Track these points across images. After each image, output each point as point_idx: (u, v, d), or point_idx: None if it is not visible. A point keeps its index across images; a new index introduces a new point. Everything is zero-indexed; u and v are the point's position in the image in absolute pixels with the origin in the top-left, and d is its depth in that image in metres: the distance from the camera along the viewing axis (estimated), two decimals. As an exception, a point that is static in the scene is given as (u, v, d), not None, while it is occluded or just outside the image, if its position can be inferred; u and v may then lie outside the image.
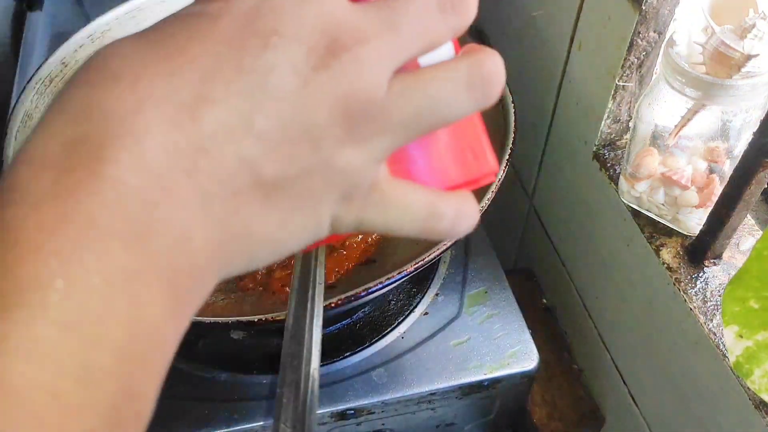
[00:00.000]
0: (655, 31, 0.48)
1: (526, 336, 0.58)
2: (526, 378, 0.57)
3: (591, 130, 0.56)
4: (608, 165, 0.55)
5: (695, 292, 0.48)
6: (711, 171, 0.48)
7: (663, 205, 0.50)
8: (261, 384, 0.54)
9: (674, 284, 0.48)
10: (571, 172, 0.61)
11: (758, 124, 0.40)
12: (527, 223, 0.74)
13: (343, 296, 0.44)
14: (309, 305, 0.42)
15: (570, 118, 0.60)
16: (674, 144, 0.47)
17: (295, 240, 0.21)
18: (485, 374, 0.56)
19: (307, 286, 0.44)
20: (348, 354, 0.56)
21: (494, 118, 0.57)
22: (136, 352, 0.18)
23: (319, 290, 0.44)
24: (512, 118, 0.55)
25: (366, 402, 0.54)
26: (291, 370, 0.38)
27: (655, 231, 0.51)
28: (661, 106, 0.46)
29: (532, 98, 0.65)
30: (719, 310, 0.46)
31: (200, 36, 0.19)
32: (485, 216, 0.49)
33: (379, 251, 0.59)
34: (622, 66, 0.50)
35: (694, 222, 0.49)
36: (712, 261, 0.49)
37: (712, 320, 0.46)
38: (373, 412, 0.55)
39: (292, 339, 0.40)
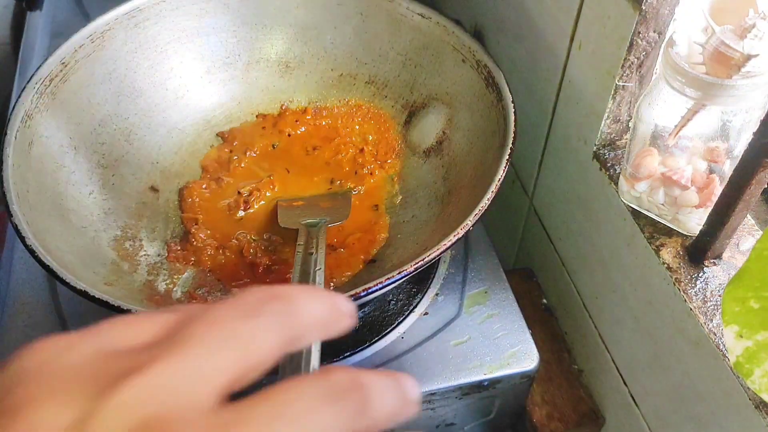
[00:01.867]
0: (655, 31, 0.48)
1: (526, 336, 0.58)
2: (526, 378, 0.57)
3: (591, 130, 0.56)
4: (608, 165, 0.55)
5: (695, 292, 0.48)
6: (711, 171, 0.48)
7: (663, 205, 0.50)
8: (261, 384, 0.54)
9: (674, 284, 0.48)
10: (571, 172, 0.61)
11: (758, 124, 0.40)
12: (527, 223, 0.74)
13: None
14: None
15: (570, 118, 0.60)
16: (674, 144, 0.47)
17: None
18: (485, 374, 0.56)
19: (308, 269, 0.45)
20: (348, 354, 0.56)
21: (494, 118, 0.57)
22: None
23: (321, 271, 0.44)
24: (512, 118, 0.55)
25: (366, 402, 0.54)
26: (291, 370, 0.38)
27: (655, 231, 0.51)
28: (661, 106, 0.46)
29: (532, 98, 0.65)
30: (719, 310, 0.46)
31: None
32: (485, 216, 0.49)
33: (379, 251, 0.59)
34: (622, 66, 0.50)
35: (694, 222, 0.49)
36: (712, 261, 0.49)
37: (712, 320, 0.46)
38: (373, 412, 0.55)
39: None
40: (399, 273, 0.45)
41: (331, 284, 0.56)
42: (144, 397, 0.16)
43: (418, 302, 0.60)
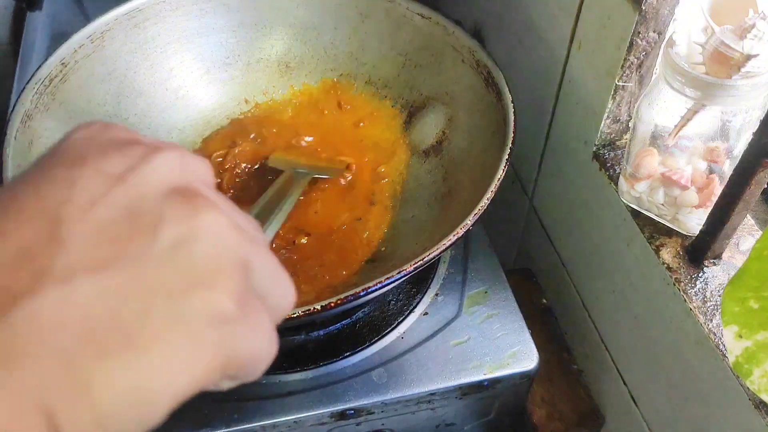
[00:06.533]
0: (655, 31, 0.48)
1: (526, 336, 0.58)
2: (526, 378, 0.57)
3: (591, 130, 0.56)
4: (608, 165, 0.55)
5: (695, 292, 0.48)
6: (711, 171, 0.48)
7: (663, 205, 0.50)
8: (261, 384, 0.54)
9: (674, 284, 0.48)
10: (571, 172, 0.61)
11: (758, 124, 0.40)
12: (527, 223, 0.74)
13: (342, 296, 0.44)
14: (269, 219, 0.48)
15: (570, 118, 0.60)
16: (674, 144, 0.47)
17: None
18: (485, 374, 0.56)
19: (274, 206, 0.49)
20: (348, 354, 0.56)
21: (494, 118, 0.57)
22: None
23: (284, 212, 0.49)
24: (512, 118, 0.55)
25: (366, 402, 0.54)
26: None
27: (655, 231, 0.51)
28: (661, 106, 0.46)
29: (531, 98, 0.65)
30: (719, 310, 0.46)
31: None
32: (485, 216, 0.49)
33: (379, 251, 0.59)
34: (622, 66, 0.50)
35: (694, 222, 0.49)
36: (712, 261, 0.49)
37: (712, 320, 0.46)
38: (373, 412, 0.55)
39: None
40: (399, 273, 0.45)
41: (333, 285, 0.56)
42: (178, 170, 0.23)
43: (418, 302, 0.60)
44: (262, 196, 0.51)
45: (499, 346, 0.57)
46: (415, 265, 0.45)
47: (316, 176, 0.60)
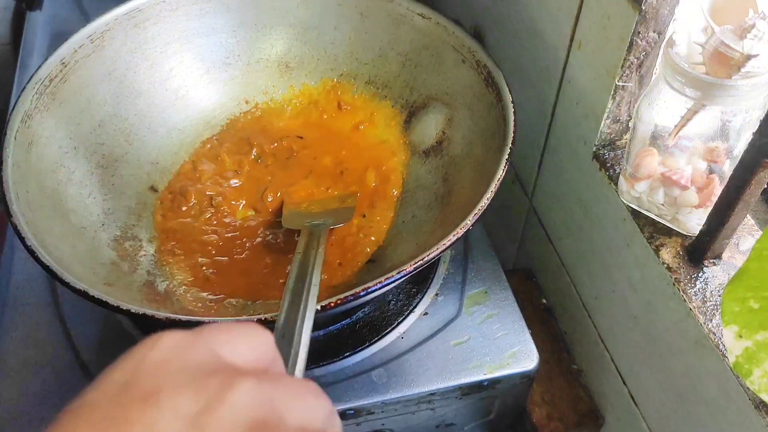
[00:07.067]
0: (654, 31, 0.48)
1: (526, 336, 0.58)
2: (526, 378, 0.57)
3: (591, 130, 0.56)
4: (608, 165, 0.55)
5: (695, 292, 0.48)
6: (711, 171, 0.48)
7: (663, 205, 0.50)
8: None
9: (674, 284, 0.48)
10: (570, 172, 0.61)
11: (758, 124, 0.40)
12: (527, 223, 0.74)
13: (342, 296, 0.44)
14: (302, 306, 0.42)
15: (570, 118, 0.60)
16: (674, 144, 0.47)
17: None
18: (485, 374, 0.56)
19: (302, 288, 0.44)
20: (348, 354, 0.56)
21: (494, 119, 0.57)
22: None
23: (314, 292, 0.43)
24: (512, 118, 0.55)
25: (366, 402, 0.54)
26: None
27: (655, 231, 0.51)
28: (661, 106, 0.46)
29: (531, 98, 0.65)
30: (719, 310, 0.46)
31: None
32: (485, 216, 0.49)
33: (379, 251, 0.59)
34: (622, 66, 0.50)
35: (694, 222, 0.49)
36: (711, 261, 0.49)
37: (711, 320, 0.46)
38: (373, 412, 0.55)
39: (282, 339, 0.39)
40: (398, 272, 0.45)
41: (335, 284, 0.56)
42: (255, 403, 0.22)
43: (418, 302, 0.60)
44: (291, 265, 0.48)
45: (499, 346, 0.57)
46: (415, 265, 0.45)
47: (333, 227, 0.57)
